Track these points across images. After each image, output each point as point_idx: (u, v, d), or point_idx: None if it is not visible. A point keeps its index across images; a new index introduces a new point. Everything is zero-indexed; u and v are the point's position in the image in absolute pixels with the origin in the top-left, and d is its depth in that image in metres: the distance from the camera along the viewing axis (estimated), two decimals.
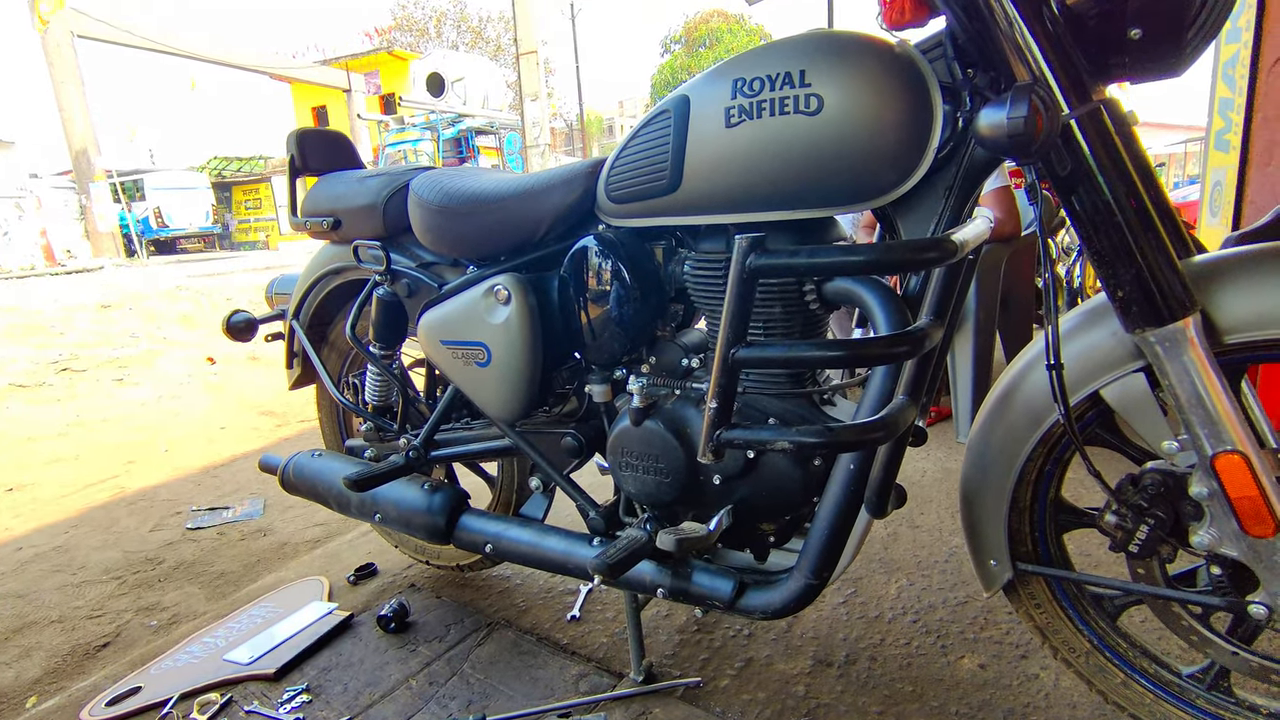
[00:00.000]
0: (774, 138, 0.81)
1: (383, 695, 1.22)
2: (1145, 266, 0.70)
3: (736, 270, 0.77)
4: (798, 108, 0.79)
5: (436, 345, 1.17)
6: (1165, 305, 0.70)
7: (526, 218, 1.10)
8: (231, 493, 2.53)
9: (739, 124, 0.83)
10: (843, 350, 0.79)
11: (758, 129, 0.82)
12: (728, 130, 0.84)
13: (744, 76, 0.82)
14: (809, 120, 0.79)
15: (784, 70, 0.80)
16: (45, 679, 1.53)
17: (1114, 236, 0.72)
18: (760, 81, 0.81)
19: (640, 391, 1.00)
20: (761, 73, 0.81)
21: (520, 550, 1.14)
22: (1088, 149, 0.71)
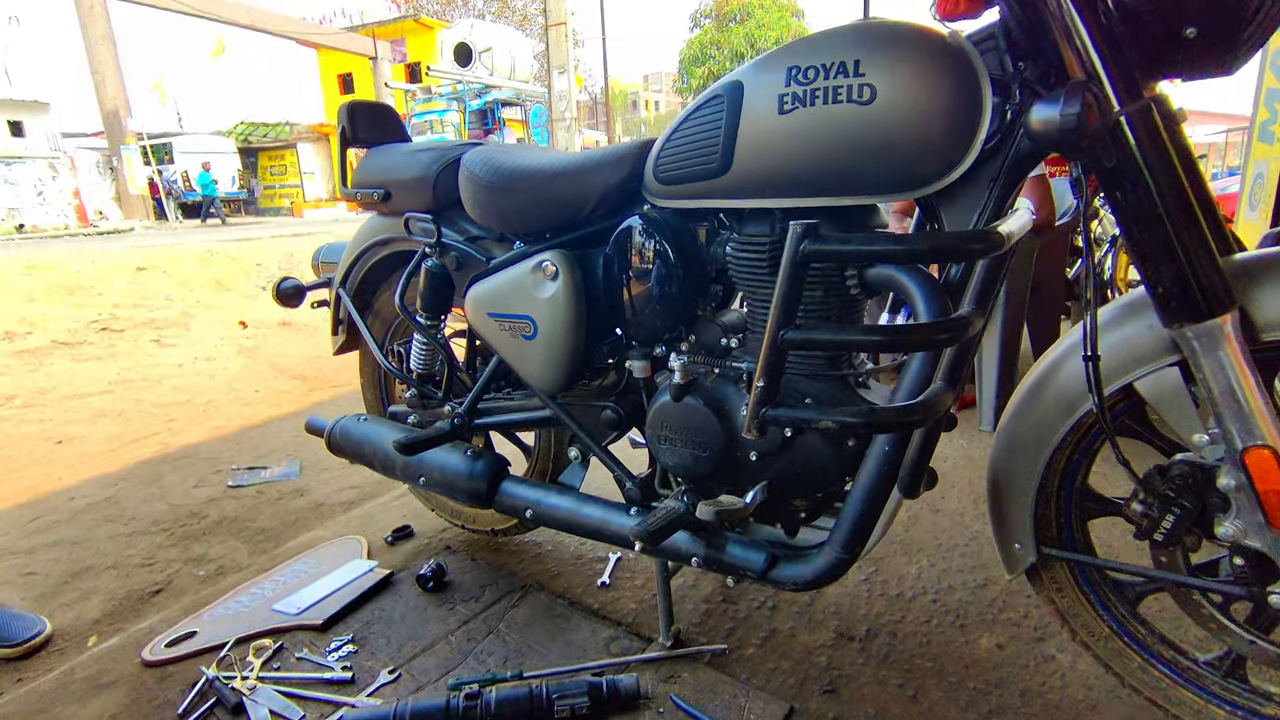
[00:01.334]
0: (826, 125, 0.83)
1: (424, 649, 1.29)
2: (1186, 263, 0.72)
3: (790, 255, 0.80)
4: (851, 97, 0.81)
5: (483, 317, 1.21)
6: (1204, 302, 0.72)
7: (574, 195, 1.13)
8: (268, 453, 2.62)
9: (792, 110, 0.85)
10: (888, 335, 0.82)
11: (811, 116, 0.84)
12: (781, 117, 0.86)
13: (799, 64, 0.84)
14: (862, 109, 0.81)
15: (839, 60, 0.81)
16: (104, 620, 1.63)
17: (1156, 232, 0.74)
18: (815, 70, 0.83)
19: (681, 369, 1.04)
20: (816, 61, 0.83)
21: (559, 516, 1.19)
22: (1135, 145, 0.73)
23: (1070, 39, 0.73)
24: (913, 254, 0.79)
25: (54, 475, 2.43)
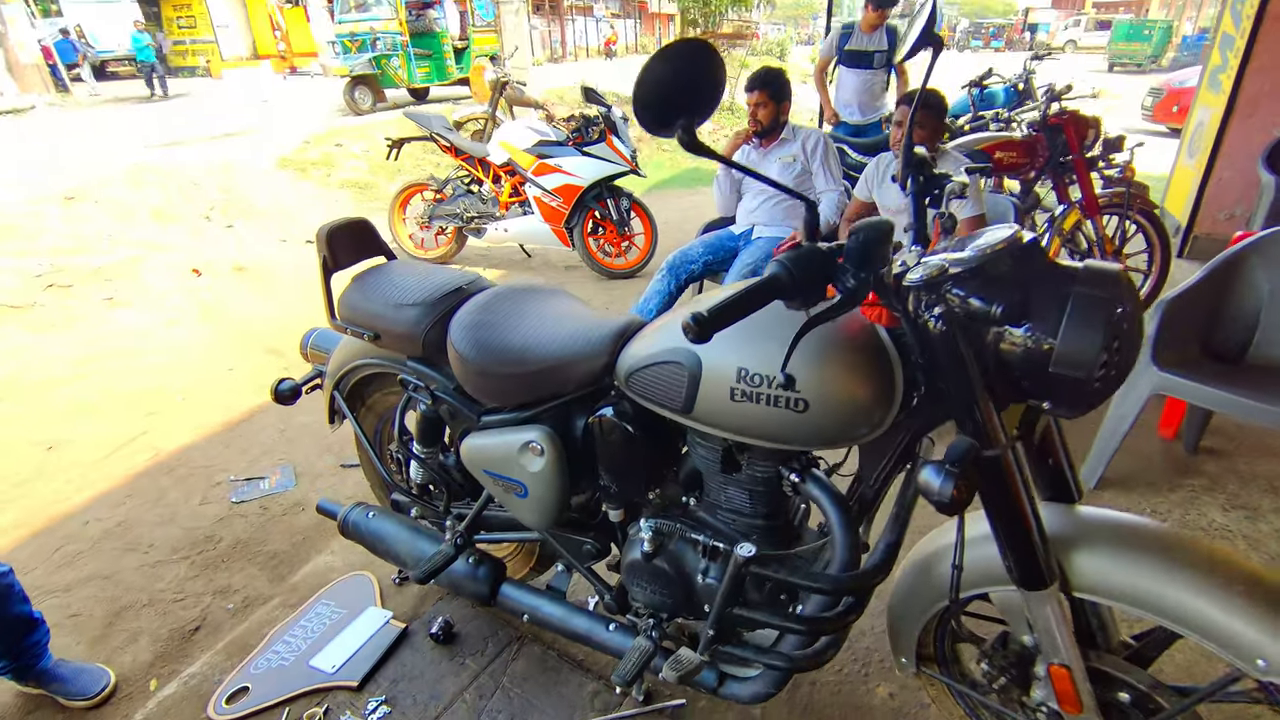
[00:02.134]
0: (767, 418, 1.03)
1: (445, 708, 1.61)
2: (1025, 559, 0.98)
3: (732, 573, 1.03)
4: (787, 406, 1.00)
5: (478, 469, 1.41)
6: (1037, 577, 0.99)
7: (556, 379, 1.31)
8: (260, 456, 2.81)
9: (741, 401, 1.04)
10: (823, 583, 1.06)
11: (754, 409, 1.03)
12: (731, 401, 1.05)
13: (747, 368, 1.02)
14: (796, 415, 1.01)
15: (776, 375, 0.99)
16: (156, 663, 1.90)
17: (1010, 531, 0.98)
18: (759, 378, 1.01)
19: (650, 537, 1.28)
20: (760, 371, 1.01)
21: (553, 623, 1.48)
22: (1004, 476, 0.96)
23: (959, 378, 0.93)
24: (830, 589, 1.04)
25: (60, 494, 2.59)
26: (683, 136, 0.78)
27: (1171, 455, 2.41)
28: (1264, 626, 0.88)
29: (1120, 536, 1.01)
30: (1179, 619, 0.93)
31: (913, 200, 1.10)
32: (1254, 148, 3.97)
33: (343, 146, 7.75)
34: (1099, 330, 0.82)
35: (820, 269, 0.86)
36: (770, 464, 1.16)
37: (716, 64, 0.80)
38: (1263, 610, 0.89)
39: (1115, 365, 0.86)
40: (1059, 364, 0.85)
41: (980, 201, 2.33)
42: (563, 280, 4.83)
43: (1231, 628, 0.90)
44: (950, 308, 0.89)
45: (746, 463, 1.19)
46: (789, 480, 1.15)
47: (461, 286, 1.47)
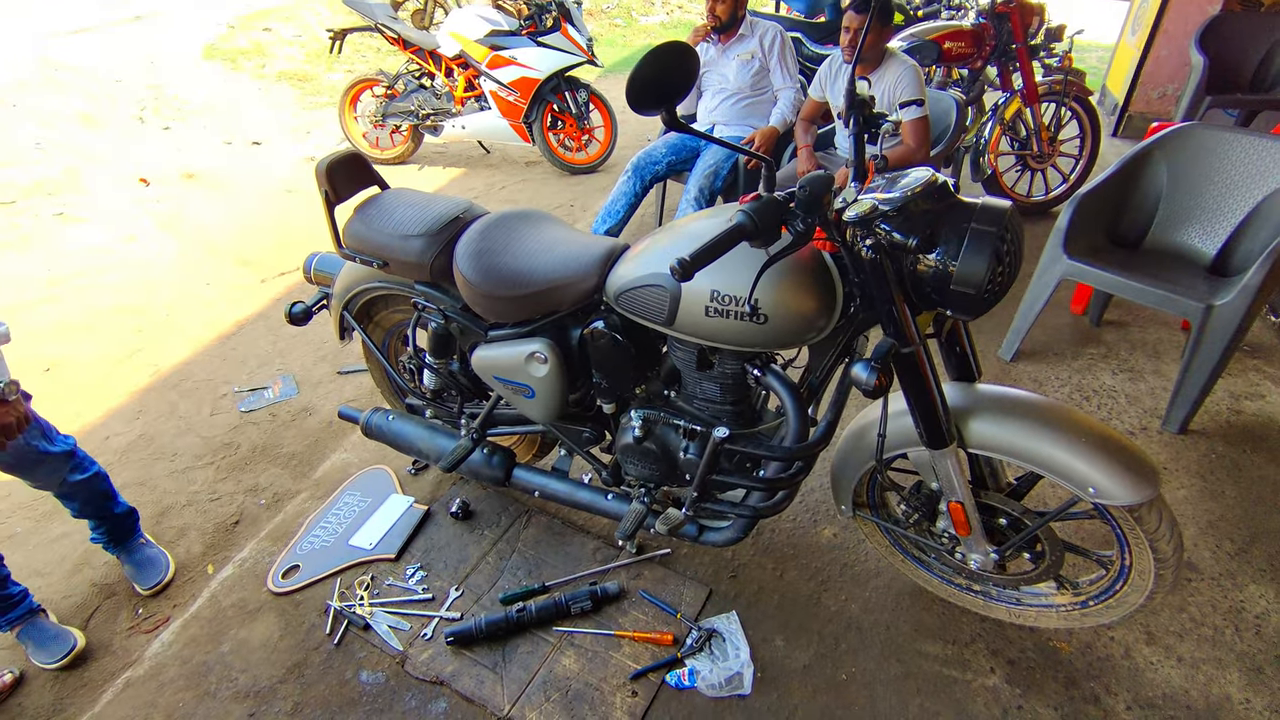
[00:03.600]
0: (735, 329, 1.28)
1: (472, 569, 1.95)
2: (930, 425, 1.29)
3: (711, 447, 1.30)
4: (752, 319, 1.25)
5: (489, 375, 1.65)
6: (939, 438, 1.31)
7: (553, 299, 1.52)
8: (258, 368, 2.98)
9: (714, 317, 1.28)
10: (777, 453, 1.36)
11: (725, 322, 1.28)
12: (706, 316, 1.29)
13: (719, 290, 1.25)
14: (759, 326, 1.26)
15: (743, 297, 1.23)
16: (209, 552, 2.19)
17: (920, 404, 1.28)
18: (728, 298, 1.25)
19: (639, 425, 1.56)
20: (729, 292, 1.24)
21: (560, 497, 1.79)
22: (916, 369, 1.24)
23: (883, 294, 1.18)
24: (785, 457, 1.33)
25: (73, 413, 2.75)
26: (666, 118, 0.97)
27: (1079, 329, 2.78)
28: (1093, 465, 1.22)
29: (1003, 406, 1.32)
30: (1038, 463, 1.27)
31: (853, 140, 1.29)
32: (1192, 27, 4.13)
33: (272, 31, 7.22)
34: (987, 257, 1.07)
35: (776, 216, 1.08)
36: (737, 362, 1.43)
37: (693, 60, 0.97)
38: (1093, 454, 1.22)
39: (1001, 282, 1.12)
40: (958, 283, 1.10)
41: (924, 100, 2.50)
42: (524, 176, 4.85)
43: (1072, 467, 1.23)
44: (878, 240, 1.12)
45: (717, 362, 1.45)
46: (752, 375, 1.42)
47: (459, 215, 1.64)
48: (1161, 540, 1.28)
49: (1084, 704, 1.54)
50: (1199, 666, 1.60)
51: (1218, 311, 2.02)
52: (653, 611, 1.80)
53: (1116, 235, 2.51)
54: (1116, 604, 1.44)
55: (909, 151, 2.53)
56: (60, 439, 1.85)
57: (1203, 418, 2.29)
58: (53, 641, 1.83)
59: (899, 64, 2.52)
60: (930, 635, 1.70)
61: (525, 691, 1.63)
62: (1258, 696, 1.54)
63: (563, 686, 1.64)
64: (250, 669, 1.76)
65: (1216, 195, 2.34)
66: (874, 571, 1.86)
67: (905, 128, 2.53)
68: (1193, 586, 1.77)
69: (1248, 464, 2.11)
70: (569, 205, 4.31)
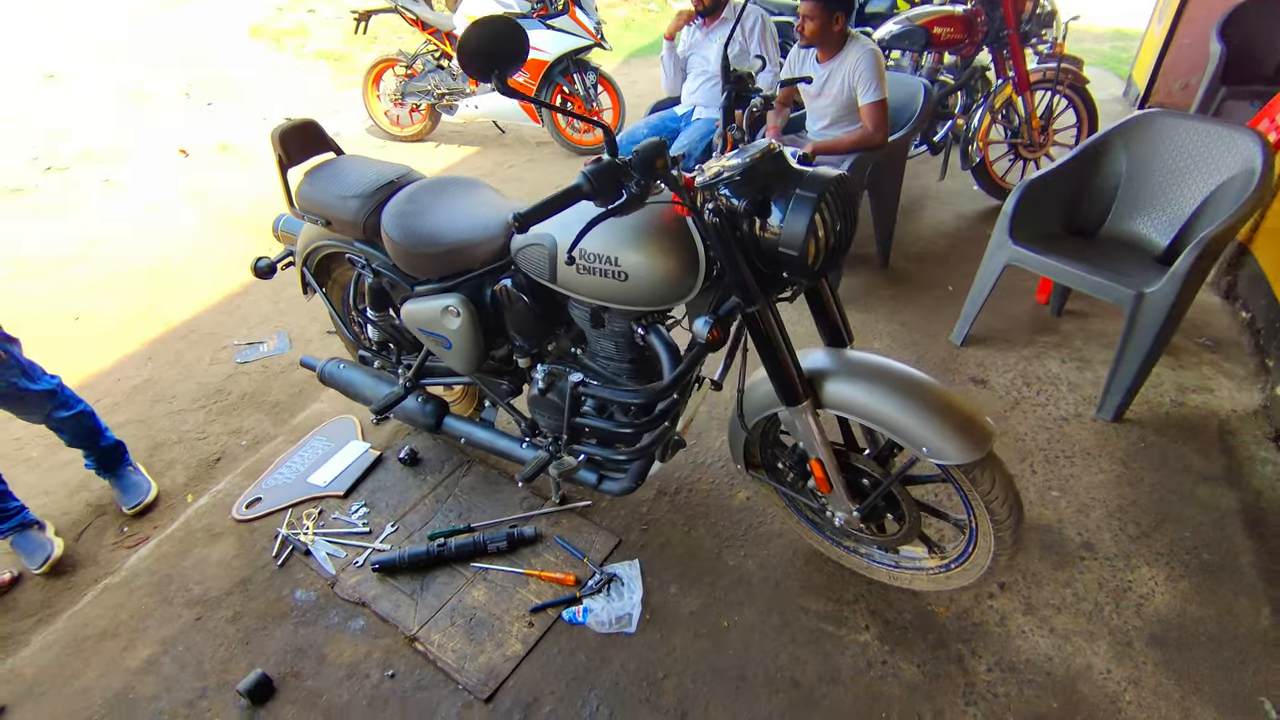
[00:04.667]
0: (601, 286, 1.39)
1: (410, 509, 2.12)
2: (782, 382, 1.38)
3: (570, 390, 1.42)
4: (613, 277, 1.36)
5: (415, 328, 1.80)
6: (794, 397, 1.39)
7: (465, 257, 1.66)
8: (258, 325, 3.22)
9: (582, 274, 1.40)
10: (645, 396, 1.47)
11: (591, 279, 1.39)
12: (576, 273, 1.41)
13: (583, 247, 1.37)
14: (620, 284, 1.37)
15: (604, 253, 1.35)
16: (190, 483, 2.42)
17: (772, 360, 1.37)
18: (592, 255, 1.36)
19: (544, 377, 1.69)
20: (592, 249, 1.36)
21: (483, 444, 1.94)
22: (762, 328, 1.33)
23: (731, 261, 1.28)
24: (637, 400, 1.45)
25: (92, 357, 3.04)
26: (498, 84, 1.09)
27: (1038, 318, 2.77)
28: (928, 425, 1.29)
29: (859, 370, 1.40)
30: (880, 422, 1.35)
31: (723, 113, 1.39)
32: (1216, 15, 3.98)
33: (315, 13, 7.55)
34: (806, 221, 1.16)
35: (614, 178, 1.18)
36: (624, 321, 1.54)
37: (520, 35, 1.09)
38: (929, 415, 1.29)
39: (830, 247, 1.21)
40: (784, 245, 1.20)
41: (881, 85, 2.53)
42: (532, 156, 5.00)
43: (909, 427, 1.31)
44: (719, 204, 1.22)
45: (607, 320, 1.56)
46: (638, 333, 1.53)
47: (394, 180, 1.79)
48: (996, 502, 1.34)
49: (948, 664, 1.61)
50: (1069, 638, 1.65)
51: (1149, 299, 2.02)
52: (563, 555, 1.93)
53: (1074, 224, 2.51)
54: (970, 566, 1.51)
55: (866, 135, 2.57)
56: (45, 379, 2.09)
57: (1142, 407, 2.28)
58: (37, 550, 2.09)
59: (859, 49, 2.55)
60: (815, 593, 1.79)
61: (434, 617, 1.80)
62: (1120, 668, 1.58)
63: (468, 614, 1.80)
64: (204, 582, 1.97)
65: (1173, 184, 2.31)
66: (776, 533, 1.95)
67: (864, 111, 2.57)
68: (1084, 564, 1.81)
69: (1175, 454, 2.11)
70: None
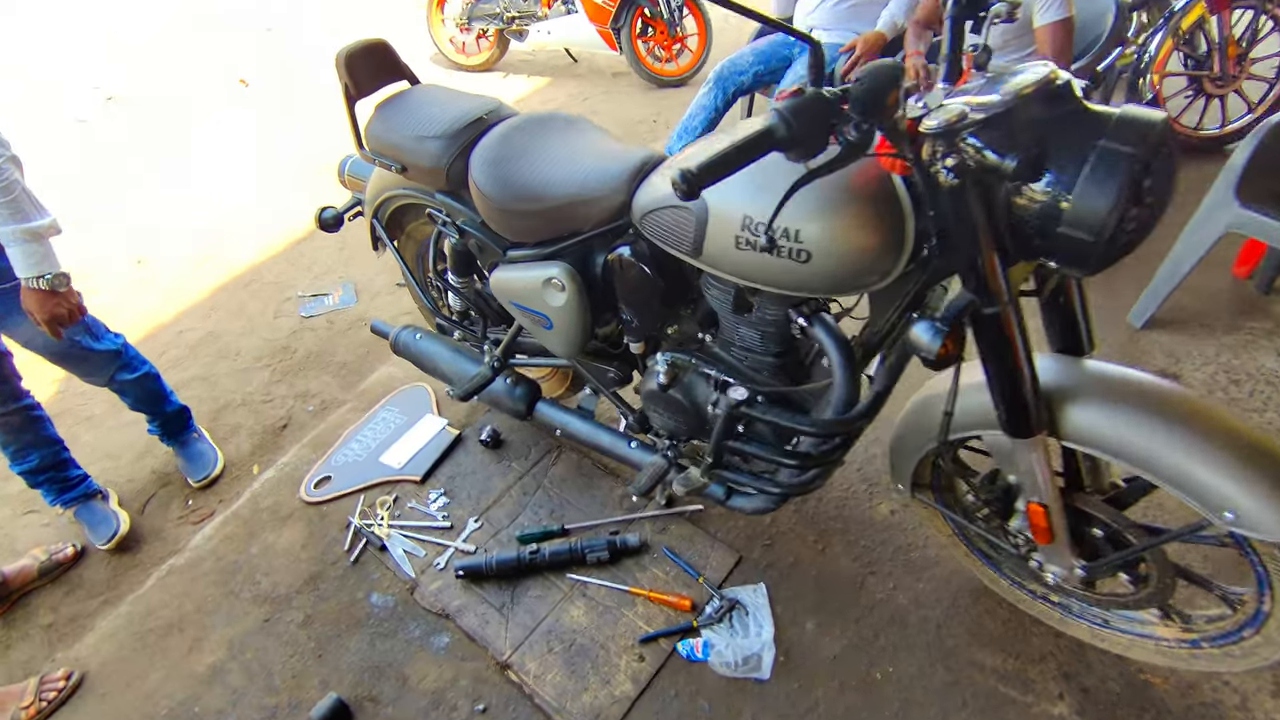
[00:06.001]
0: (770, 267, 1.03)
1: (494, 501, 1.86)
2: (1014, 408, 1.01)
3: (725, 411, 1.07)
4: (790, 256, 1.00)
5: (507, 300, 1.49)
6: (1025, 427, 1.03)
7: (573, 217, 1.32)
8: (322, 274, 2.99)
9: (745, 250, 1.04)
10: (816, 428, 1.13)
11: (757, 257, 1.03)
12: (736, 249, 1.05)
13: (751, 216, 1.01)
14: (799, 265, 1.01)
15: (783, 226, 0.98)
16: (256, 452, 2.23)
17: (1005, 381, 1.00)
18: (763, 227, 1.00)
19: (666, 369, 1.36)
20: (765, 220, 0.99)
21: (581, 438, 1.64)
22: (1002, 332, 0.95)
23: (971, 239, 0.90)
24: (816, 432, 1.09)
25: (155, 306, 2.87)
26: None
27: (1240, 295, 2.26)
28: (1236, 482, 0.91)
29: (1114, 391, 1.02)
30: (1156, 470, 0.97)
31: (949, 24, 0.98)
32: None
33: None
34: (1115, 191, 0.77)
35: (822, 118, 0.81)
36: (779, 307, 1.19)
37: None
38: (1237, 467, 0.91)
39: (1135, 228, 0.81)
40: (1069, 224, 0.81)
41: (1067, 1, 2.00)
42: (608, 88, 4.54)
43: (1204, 481, 0.93)
44: (964, 159, 0.83)
45: (757, 305, 1.21)
46: (797, 324, 1.17)
47: (482, 116, 1.44)
48: None
49: None
50: None
51: None
52: (674, 571, 1.65)
53: None
54: (1241, 653, 1.14)
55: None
56: (109, 337, 1.88)
57: None
58: (102, 524, 1.93)
59: None
60: (989, 644, 1.45)
61: (528, 638, 1.55)
62: None
63: (567, 639, 1.54)
64: (272, 574, 1.77)
65: None
66: (932, 560, 1.61)
67: (1042, 33, 2.05)
68: None
69: None
70: (651, 120, 4.00)
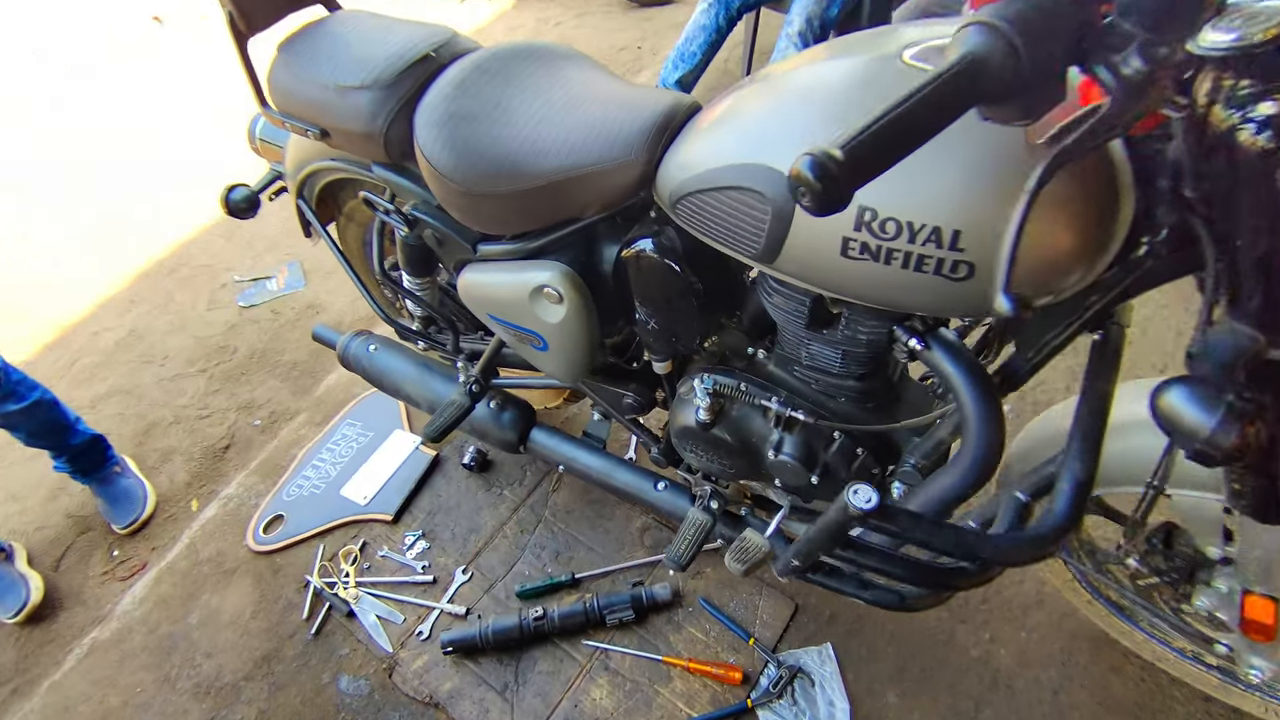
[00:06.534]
0: (899, 282, 0.65)
1: (485, 542, 1.52)
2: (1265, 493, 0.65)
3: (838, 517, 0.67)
4: (942, 271, 0.62)
5: (483, 313, 1.09)
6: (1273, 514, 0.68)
7: (570, 199, 0.92)
8: (264, 251, 2.53)
9: (860, 259, 0.65)
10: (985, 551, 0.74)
11: (881, 270, 0.65)
12: (843, 256, 0.66)
13: (875, 209, 0.61)
14: (952, 284, 0.62)
15: (933, 224, 0.59)
16: (194, 483, 1.86)
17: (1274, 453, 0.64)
18: (897, 226, 0.61)
19: (708, 403, 0.99)
20: (900, 214, 0.60)
21: (593, 476, 1.27)
22: None
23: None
24: (979, 556, 0.71)
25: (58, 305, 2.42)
26: None
27: None
28: None
29: None
30: None
31: None
32: None
33: None
34: None
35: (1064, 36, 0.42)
36: (881, 323, 0.81)
37: None
38: None
39: None
40: None
41: None
42: (584, 9, 3.94)
43: None
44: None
45: (846, 319, 0.84)
46: (904, 344, 0.80)
47: (429, 54, 1.01)
48: None
49: None
50: None
51: None
52: (715, 630, 1.33)
53: None
54: None
55: None
56: None
57: None
58: (8, 593, 1.57)
59: None
60: (1121, 714, 1.16)
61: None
62: None
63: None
64: (216, 653, 1.44)
65: None
66: (1033, 600, 1.30)
67: None
68: None
69: None
70: (635, 47, 3.46)
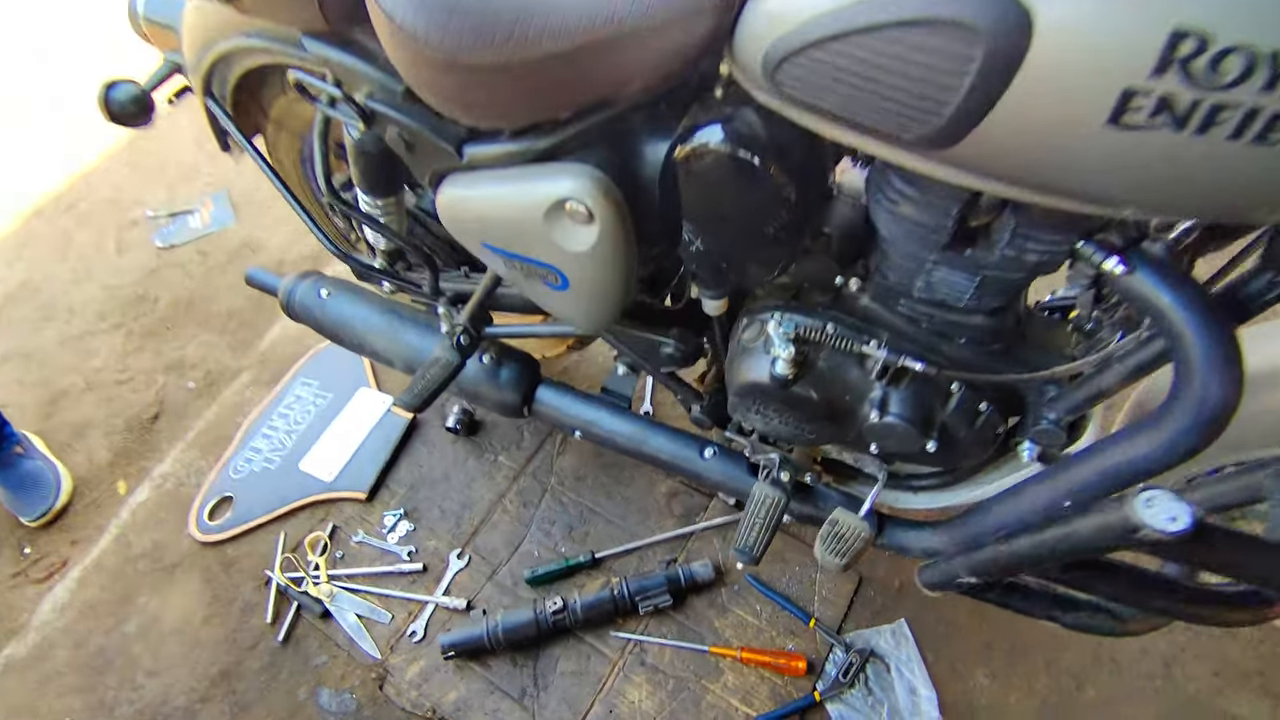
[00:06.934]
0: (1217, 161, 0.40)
1: (482, 520, 1.27)
2: None
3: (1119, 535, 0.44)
4: None
5: (473, 242, 0.81)
6: None
7: (602, 74, 0.63)
8: (180, 180, 2.12)
9: (1145, 131, 0.39)
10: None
11: (1185, 147, 0.39)
12: (1109, 128, 0.40)
13: (1206, 34, 0.35)
14: None
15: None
16: (119, 461, 1.55)
17: None
18: (1247, 60, 0.35)
19: (788, 351, 0.74)
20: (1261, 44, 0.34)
21: (619, 443, 1.03)
22: None
23: None
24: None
25: None
26: None
27: None
28: None
29: None
30: None
31: None
32: None
33: None
34: None
35: None
36: (1065, 237, 0.57)
37: None
38: None
39: None
40: None
41: None
42: None
43: None
44: None
45: (1011, 235, 0.59)
46: (1093, 266, 0.56)
47: None
48: None
49: None
50: None
51: None
52: (767, 610, 1.13)
53: None
54: None
55: None
56: None
57: None
58: None
59: None
60: (1242, 684, 1.01)
61: None
62: None
63: None
64: (162, 671, 1.18)
65: None
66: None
67: None
68: None
69: None
70: None
